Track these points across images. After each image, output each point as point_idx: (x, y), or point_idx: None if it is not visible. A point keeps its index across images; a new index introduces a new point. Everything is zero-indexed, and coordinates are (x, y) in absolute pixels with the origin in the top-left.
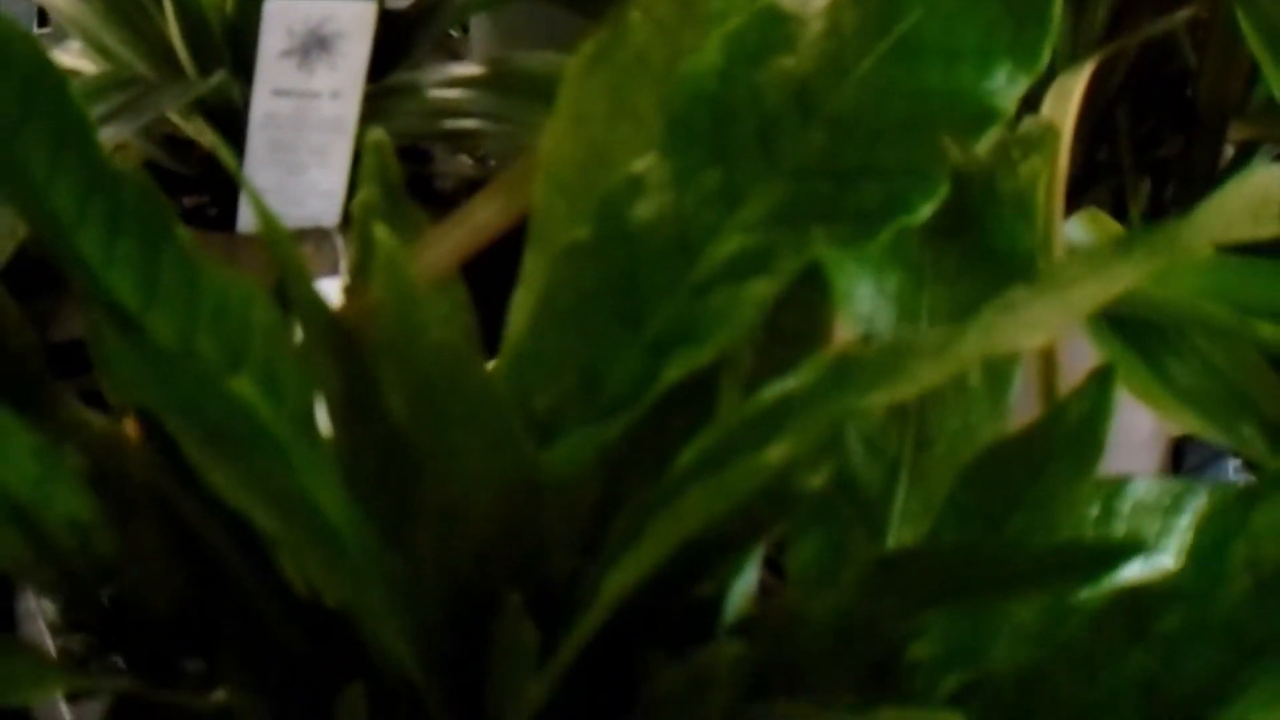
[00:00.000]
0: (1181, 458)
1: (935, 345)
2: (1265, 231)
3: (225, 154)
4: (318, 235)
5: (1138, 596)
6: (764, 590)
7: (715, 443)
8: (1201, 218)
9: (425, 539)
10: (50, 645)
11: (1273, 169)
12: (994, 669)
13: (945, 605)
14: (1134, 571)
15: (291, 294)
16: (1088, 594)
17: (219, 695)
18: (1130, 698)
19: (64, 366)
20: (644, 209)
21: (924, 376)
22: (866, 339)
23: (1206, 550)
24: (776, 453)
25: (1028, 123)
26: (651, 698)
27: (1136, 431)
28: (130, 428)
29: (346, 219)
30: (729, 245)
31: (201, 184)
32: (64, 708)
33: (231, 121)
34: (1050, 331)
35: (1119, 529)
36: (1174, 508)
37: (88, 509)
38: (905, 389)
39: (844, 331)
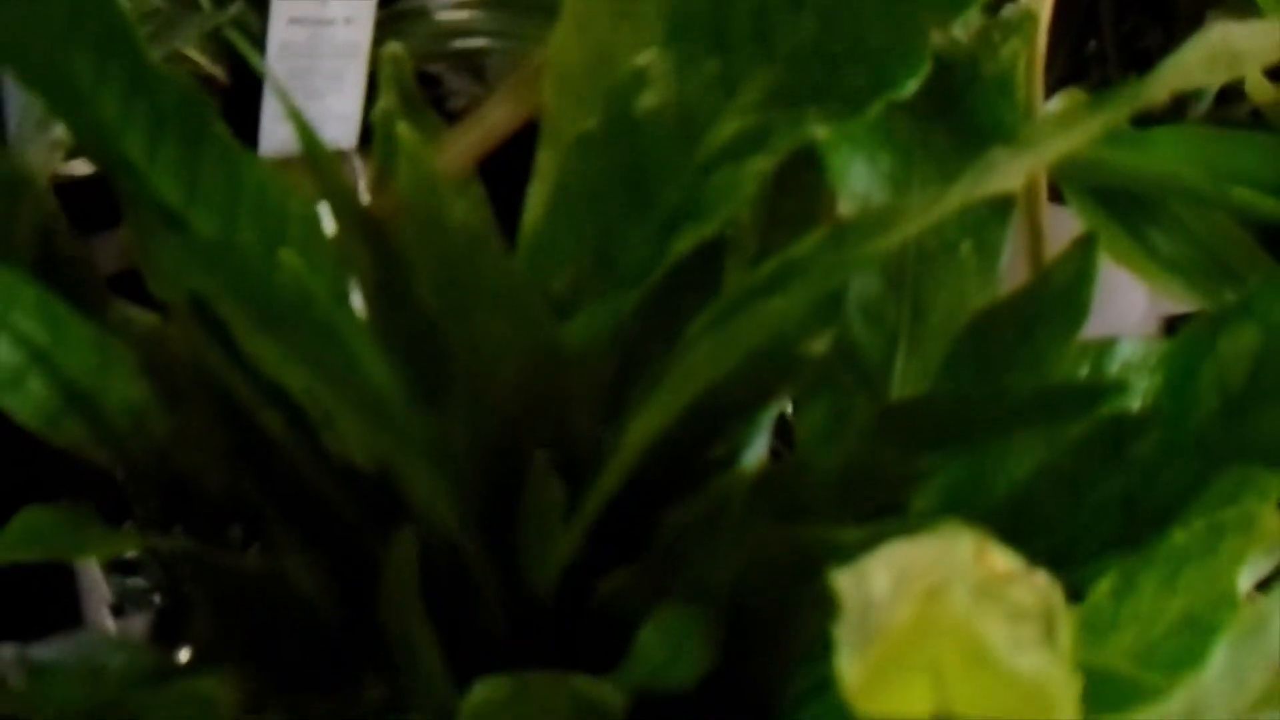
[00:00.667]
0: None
1: (924, 202)
2: (1216, 79)
3: (254, 58)
4: (336, 158)
5: (1116, 423)
6: (775, 457)
7: (723, 309)
8: (1161, 72)
9: (456, 409)
10: (111, 626)
11: (1225, 25)
12: (991, 510)
13: (944, 449)
14: None
15: (324, 190)
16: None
17: (272, 559)
18: (1111, 515)
19: None
20: (648, 99)
21: (914, 225)
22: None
23: (1178, 375)
24: (781, 303)
25: (1008, 10)
26: (669, 531)
27: (1131, 312)
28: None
29: (363, 142)
30: (729, 127)
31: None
32: (110, 621)
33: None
34: (1026, 176)
35: None
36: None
37: (141, 394)
38: (898, 236)
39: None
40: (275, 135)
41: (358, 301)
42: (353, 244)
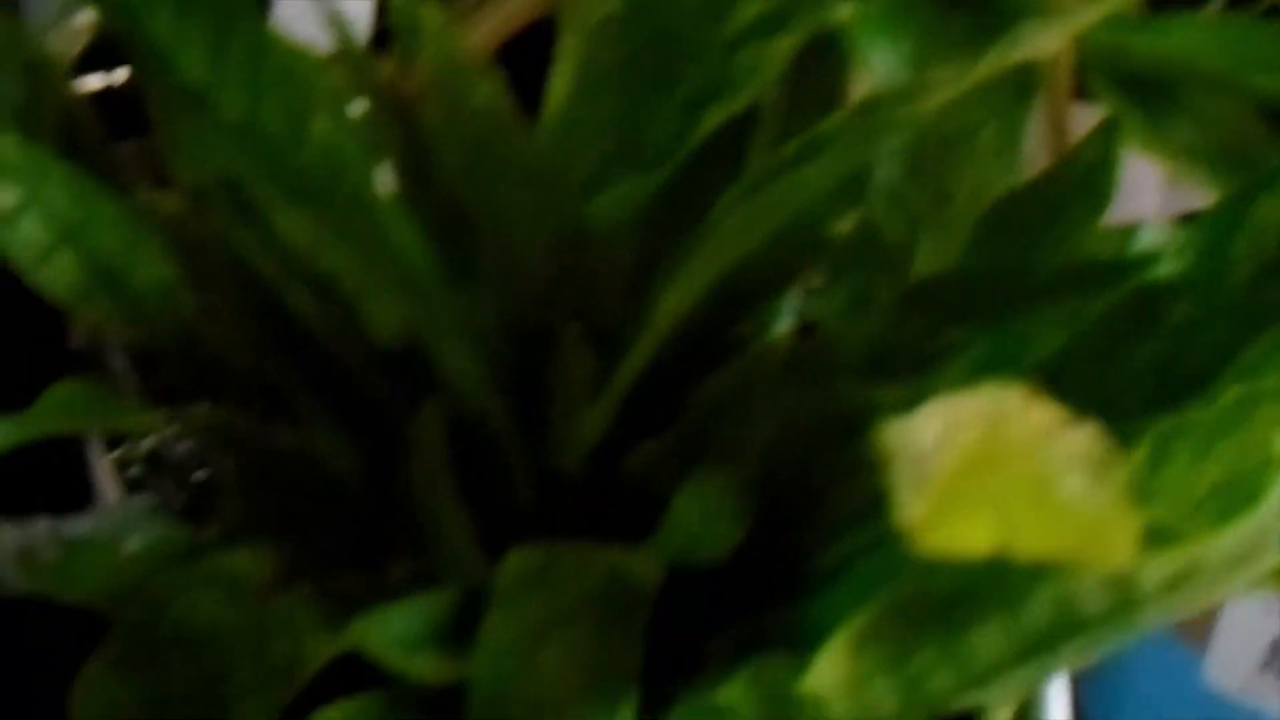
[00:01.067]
0: None
1: (953, 73)
2: None
3: None
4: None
5: (1147, 292)
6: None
7: (751, 184)
8: None
9: (485, 286)
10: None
11: None
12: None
13: (971, 323)
14: None
15: (349, 72)
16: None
17: (300, 435)
18: (1144, 382)
19: None
20: None
21: (943, 95)
22: None
23: (1210, 245)
24: (809, 175)
25: None
26: (701, 402)
27: (1145, 212)
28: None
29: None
30: (753, 7)
31: None
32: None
33: None
34: (1053, 44)
35: None
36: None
37: (169, 273)
38: (927, 106)
39: None
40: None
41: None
42: (380, 127)
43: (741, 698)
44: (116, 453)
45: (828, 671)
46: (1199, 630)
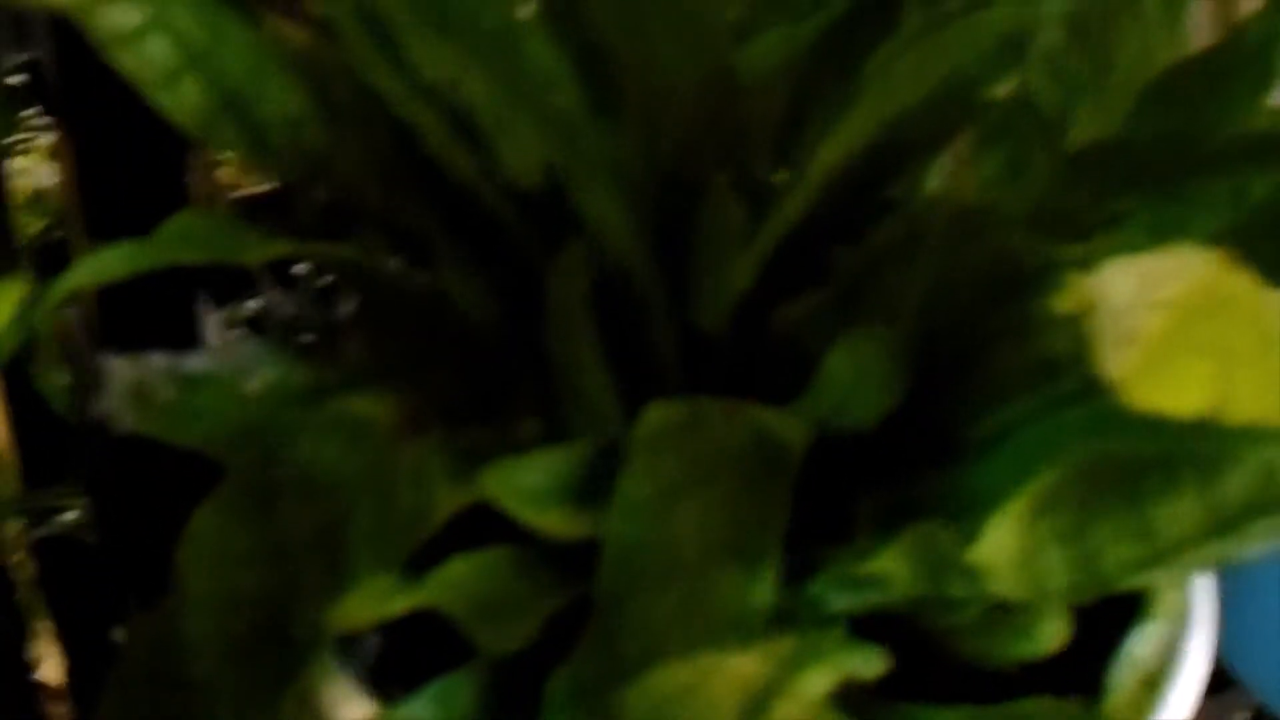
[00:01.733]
0: None
1: None
2: None
3: None
4: None
5: None
6: None
7: (905, 40)
8: None
9: (631, 128)
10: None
11: None
12: None
13: (1137, 192)
14: None
15: None
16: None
17: (434, 276)
18: None
19: None
20: None
21: None
22: None
23: None
24: (969, 29)
25: None
26: (858, 257)
27: None
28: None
29: None
30: None
31: None
32: None
33: None
34: None
35: None
36: None
37: (299, 104)
38: None
39: None
40: None
41: None
42: None
43: (897, 566)
44: (224, 311)
45: (998, 541)
46: None
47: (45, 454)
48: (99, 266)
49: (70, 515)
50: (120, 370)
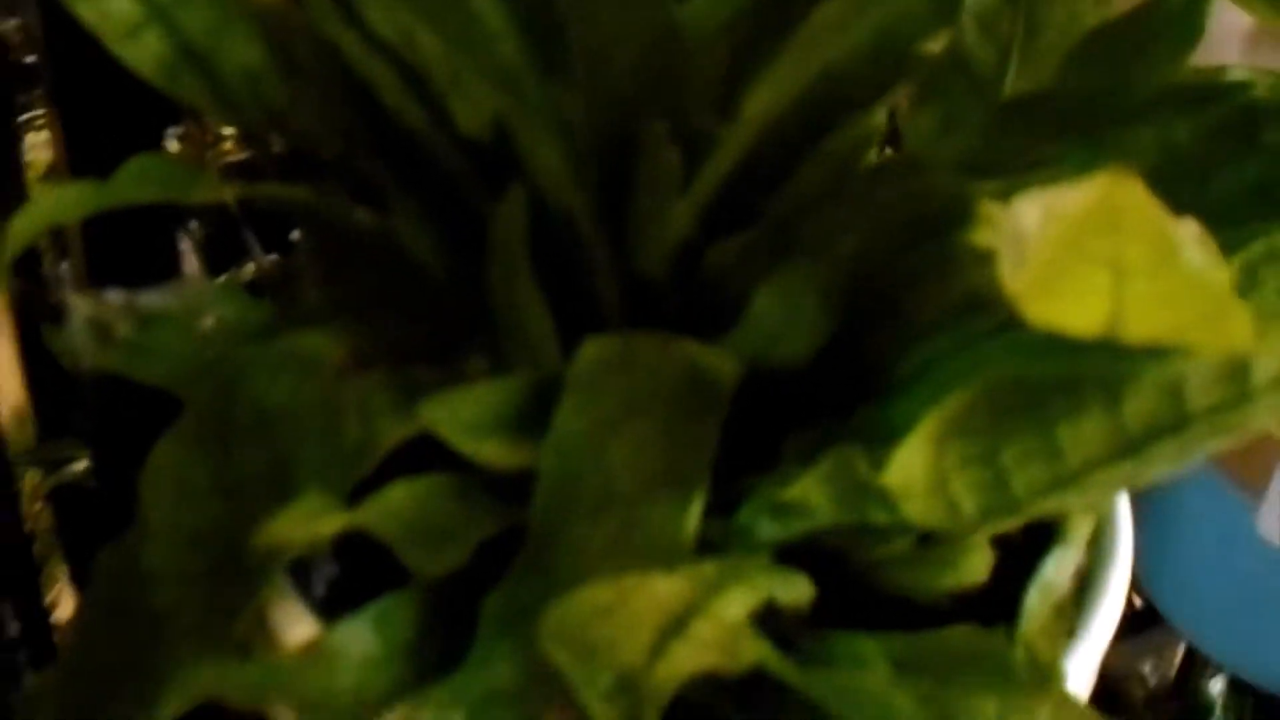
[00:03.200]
0: None
1: None
2: None
3: None
4: None
5: (1247, 110)
6: None
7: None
8: None
9: (576, 83)
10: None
11: None
12: None
13: (1064, 139)
14: None
15: None
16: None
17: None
18: (1242, 199)
19: None
20: None
21: None
22: None
23: None
24: None
25: None
26: (788, 199)
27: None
28: None
29: None
30: None
31: None
32: None
33: None
34: None
35: None
36: None
37: (259, 58)
38: None
39: None
40: None
41: None
42: None
43: (816, 492)
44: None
45: (908, 464)
46: (1254, 477)
47: (58, 407)
48: (56, 204)
49: (80, 465)
50: (79, 307)
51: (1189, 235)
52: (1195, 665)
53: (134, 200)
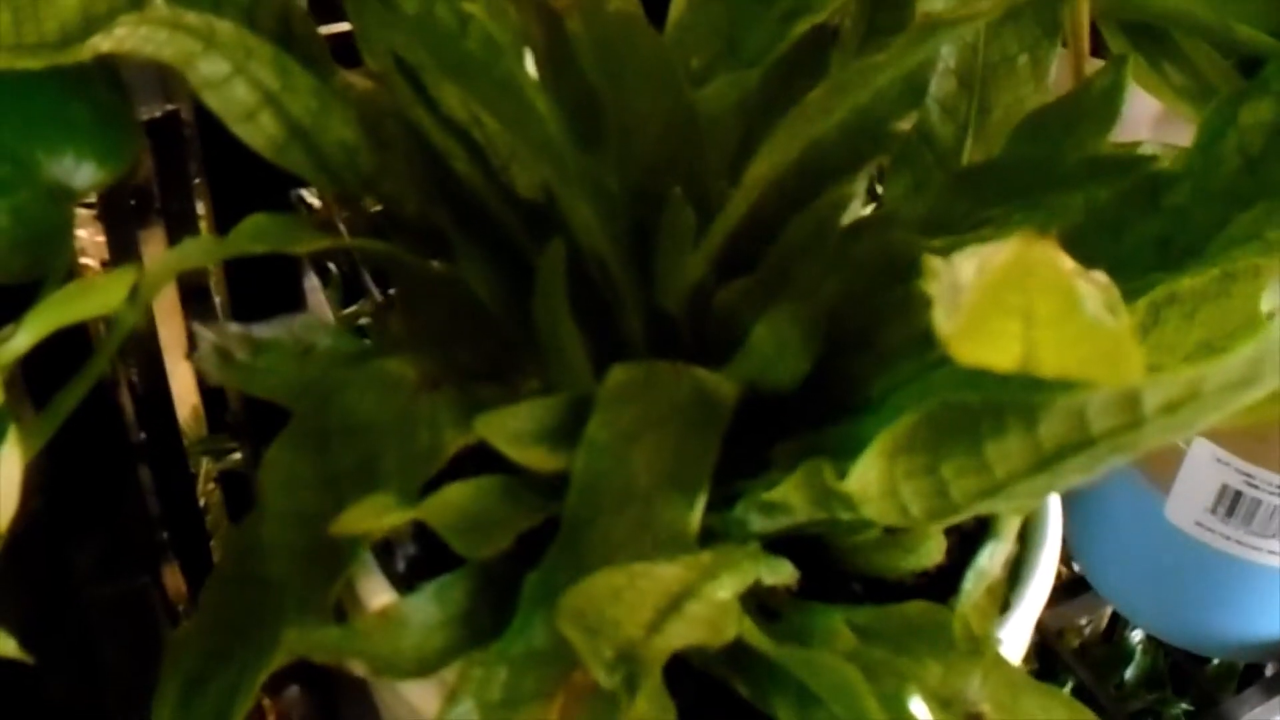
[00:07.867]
0: None
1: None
2: None
3: None
4: None
5: (1153, 177)
6: None
7: (830, 85)
8: None
9: (610, 156)
10: (330, 316)
11: None
12: None
13: (1008, 203)
14: None
15: None
16: None
17: (454, 267)
18: (1147, 252)
19: None
20: None
21: (990, 14)
22: None
23: (1206, 140)
24: (877, 74)
25: None
26: (780, 250)
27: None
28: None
29: None
30: None
31: None
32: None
33: None
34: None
35: None
36: None
37: (354, 136)
38: (976, 23)
39: None
40: None
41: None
42: (529, 25)
43: (792, 495)
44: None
45: (865, 474)
46: (1163, 475)
47: (223, 408)
48: (182, 255)
49: (238, 455)
50: (204, 335)
51: (1092, 288)
52: (1120, 622)
53: (247, 251)
